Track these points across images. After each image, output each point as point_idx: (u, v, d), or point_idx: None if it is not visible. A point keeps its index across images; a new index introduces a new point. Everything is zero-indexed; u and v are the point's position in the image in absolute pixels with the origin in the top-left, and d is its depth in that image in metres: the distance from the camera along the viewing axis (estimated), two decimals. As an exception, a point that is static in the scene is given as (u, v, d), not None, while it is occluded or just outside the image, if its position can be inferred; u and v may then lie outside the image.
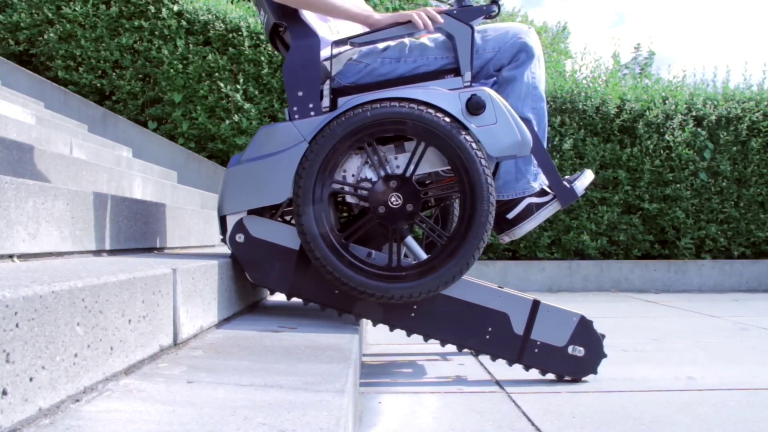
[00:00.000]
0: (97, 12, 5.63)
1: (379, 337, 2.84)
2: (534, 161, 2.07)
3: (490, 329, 2.01)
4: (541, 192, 2.10)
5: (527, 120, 2.01)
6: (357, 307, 1.98)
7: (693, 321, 3.68)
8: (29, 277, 1.00)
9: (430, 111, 1.85)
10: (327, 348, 1.58)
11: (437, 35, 2.02)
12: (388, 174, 1.90)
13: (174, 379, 1.17)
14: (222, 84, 5.35)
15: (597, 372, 2.05)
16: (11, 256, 1.38)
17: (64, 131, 3.62)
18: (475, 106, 1.86)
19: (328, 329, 1.88)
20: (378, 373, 2.23)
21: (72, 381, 0.95)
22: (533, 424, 1.67)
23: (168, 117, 5.60)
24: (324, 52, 1.99)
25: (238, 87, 5.37)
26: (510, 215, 2.09)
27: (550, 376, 2.07)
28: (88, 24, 5.65)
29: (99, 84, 5.67)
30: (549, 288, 5.46)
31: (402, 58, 2.01)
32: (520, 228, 2.09)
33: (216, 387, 1.14)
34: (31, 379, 0.84)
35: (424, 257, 2.01)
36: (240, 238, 1.95)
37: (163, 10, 5.52)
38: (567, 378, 2.05)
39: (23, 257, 1.42)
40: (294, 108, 1.94)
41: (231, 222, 1.96)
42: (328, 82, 1.99)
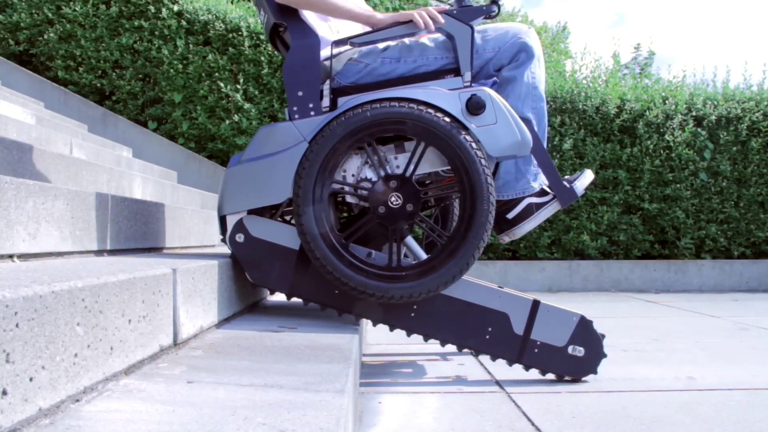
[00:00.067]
0: (97, 12, 5.64)
1: (379, 337, 2.84)
2: (534, 161, 2.07)
3: (490, 329, 2.01)
4: (541, 192, 2.10)
5: (527, 120, 2.01)
6: (357, 307, 1.98)
7: (693, 321, 3.68)
8: (29, 277, 1.00)
9: (429, 111, 1.85)
10: (327, 348, 1.58)
11: (437, 35, 2.02)
12: (388, 174, 1.90)
13: (174, 379, 1.17)
14: (222, 84, 5.35)
15: (597, 372, 2.05)
16: (11, 256, 1.38)
17: (64, 131, 3.62)
18: (475, 106, 1.86)
19: (328, 329, 1.88)
20: (378, 373, 2.23)
21: (72, 381, 0.95)
22: (533, 424, 1.67)
23: (168, 117, 5.60)
24: (324, 51, 1.99)
25: (238, 87, 5.37)
26: (510, 215, 2.09)
27: (550, 376, 2.07)
28: (88, 24, 5.65)
29: (99, 84, 5.67)
30: (549, 288, 5.46)
31: (402, 58, 2.01)
32: (520, 228, 2.09)
33: (216, 387, 1.14)
34: (31, 379, 0.84)
35: (424, 257, 2.01)
36: (240, 238, 1.95)
37: (163, 10, 5.52)
38: (567, 378, 2.05)
39: (23, 257, 1.42)
40: (294, 108, 1.94)
41: (231, 222, 1.96)
42: (328, 82, 1.99)
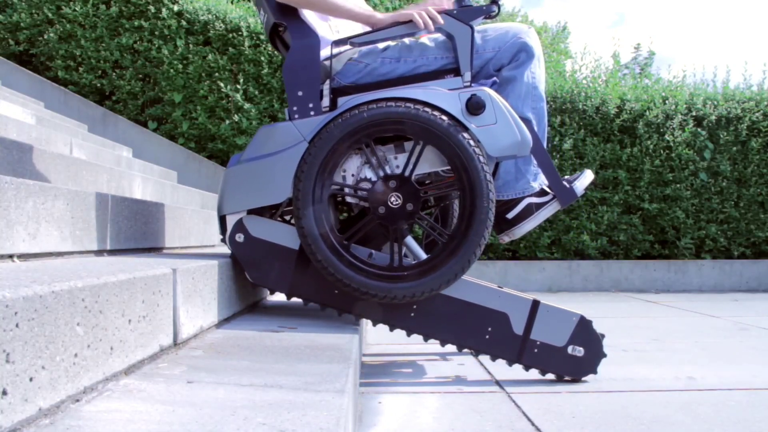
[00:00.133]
0: (97, 12, 5.63)
1: (379, 337, 2.84)
2: (534, 161, 2.07)
3: (489, 329, 2.01)
4: (541, 192, 2.10)
5: (527, 120, 2.01)
6: (357, 307, 1.98)
7: (693, 321, 3.68)
8: (29, 277, 1.00)
9: (429, 111, 1.85)
10: (327, 348, 1.58)
11: (437, 35, 2.02)
12: (387, 174, 1.90)
13: (174, 379, 1.17)
14: (222, 84, 5.35)
15: (597, 372, 2.05)
16: (11, 256, 1.38)
17: (64, 131, 3.62)
18: (475, 106, 1.86)
19: (328, 329, 1.88)
20: (378, 373, 2.23)
21: (72, 381, 0.95)
22: (533, 424, 1.67)
23: (168, 117, 5.60)
24: (324, 51, 1.99)
25: (238, 87, 5.37)
26: (510, 215, 2.09)
27: (550, 376, 2.07)
28: (88, 24, 5.64)
29: (99, 84, 5.67)
30: (549, 288, 5.46)
31: (402, 57, 2.01)
32: (519, 228, 2.09)
33: (216, 387, 1.14)
34: (31, 379, 0.84)
35: (423, 257, 2.01)
36: (240, 237, 1.95)
37: (163, 10, 5.52)
38: (567, 378, 2.05)
39: (23, 257, 1.42)
40: (294, 108, 1.94)
41: (231, 222, 1.96)
42: (328, 81, 1.99)
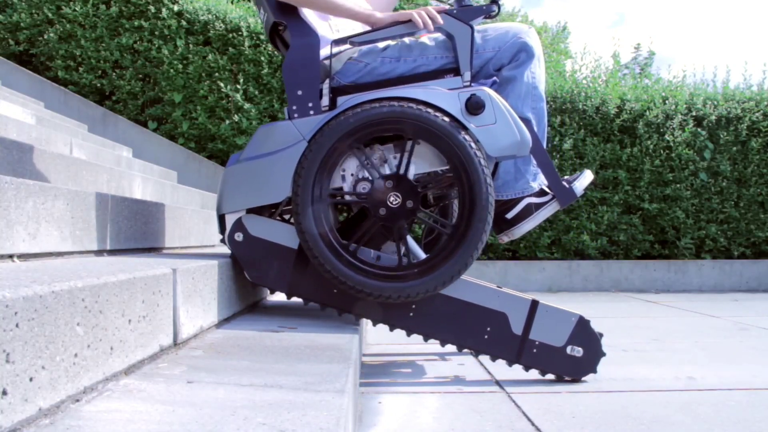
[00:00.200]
0: (97, 12, 5.63)
1: (379, 337, 2.84)
2: (533, 161, 2.07)
3: (488, 329, 2.01)
4: (541, 192, 2.10)
5: (527, 120, 2.01)
6: (357, 307, 1.98)
7: (693, 321, 3.68)
8: (29, 277, 1.00)
9: (428, 110, 1.85)
10: (327, 348, 1.58)
11: (437, 35, 2.02)
12: (383, 174, 1.89)
13: (174, 379, 1.17)
14: (222, 84, 5.35)
15: (596, 371, 2.05)
16: (11, 256, 1.38)
17: (64, 131, 3.62)
18: (475, 105, 1.86)
19: (328, 329, 1.88)
20: (378, 373, 2.23)
21: (72, 381, 0.95)
22: (533, 424, 1.67)
23: (168, 117, 5.60)
24: (324, 51, 1.99)
25: (238, 87, 5.37)
26: (509, 215, 2.09)
27: (549, 376, 2.07)
28: (88, 24, 5.64)
29: (99, 84, 5.67)
30: (549, 288, 5.46)
31: (402, 57, 2.01)
32: (519, 228, 2.09)
33: (216, 387, 1.14)
34: (31, 379, 0.84)
35: (423, 257, 2.01)
36: (239, 236, 1.95)
37: (163, 10, 5.52)
38: (567, 378, 2.05)
39: (23, 257, 1.42)
40: (293, 107, 1.94)
41: (230, 221, 1.96)
42: (327, 81, 1.99)
